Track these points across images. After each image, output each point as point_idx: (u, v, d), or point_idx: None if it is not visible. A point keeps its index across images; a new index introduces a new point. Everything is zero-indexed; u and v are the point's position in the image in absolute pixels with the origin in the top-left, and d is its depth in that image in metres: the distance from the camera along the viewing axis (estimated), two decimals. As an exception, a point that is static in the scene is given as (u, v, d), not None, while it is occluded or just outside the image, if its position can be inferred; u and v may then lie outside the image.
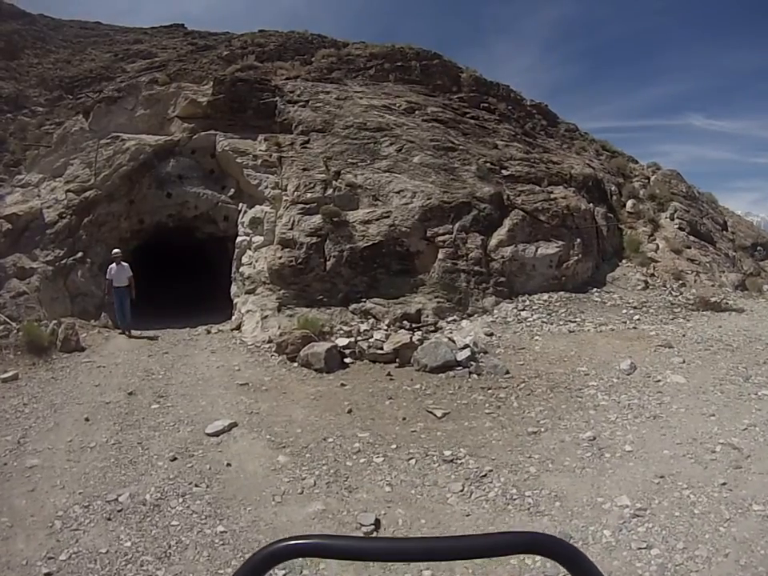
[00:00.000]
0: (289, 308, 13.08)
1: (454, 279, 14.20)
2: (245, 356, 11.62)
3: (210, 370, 10.77)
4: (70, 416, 8.50)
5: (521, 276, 15.40)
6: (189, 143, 16.26)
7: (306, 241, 13.56)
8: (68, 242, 14.76)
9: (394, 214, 14.38)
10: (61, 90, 26.54)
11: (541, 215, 16.74)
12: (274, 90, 17.65)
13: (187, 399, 9.13)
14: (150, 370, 10.78)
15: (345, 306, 13.29)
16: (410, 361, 10.59)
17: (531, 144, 20.40)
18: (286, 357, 11.10)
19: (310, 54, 22.14)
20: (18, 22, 32.49)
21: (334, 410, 8.64)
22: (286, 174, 14.87)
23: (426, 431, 7.87)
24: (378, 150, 16.03)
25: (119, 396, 9.34)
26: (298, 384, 9.95)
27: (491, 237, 15.50)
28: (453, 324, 13.51)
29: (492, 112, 20.69)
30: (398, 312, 13.39)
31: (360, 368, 10.70)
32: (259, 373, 10.56)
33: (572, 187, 18.86)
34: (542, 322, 13.56)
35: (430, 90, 20.13)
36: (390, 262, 13.94)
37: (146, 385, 9.93)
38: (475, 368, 10.17)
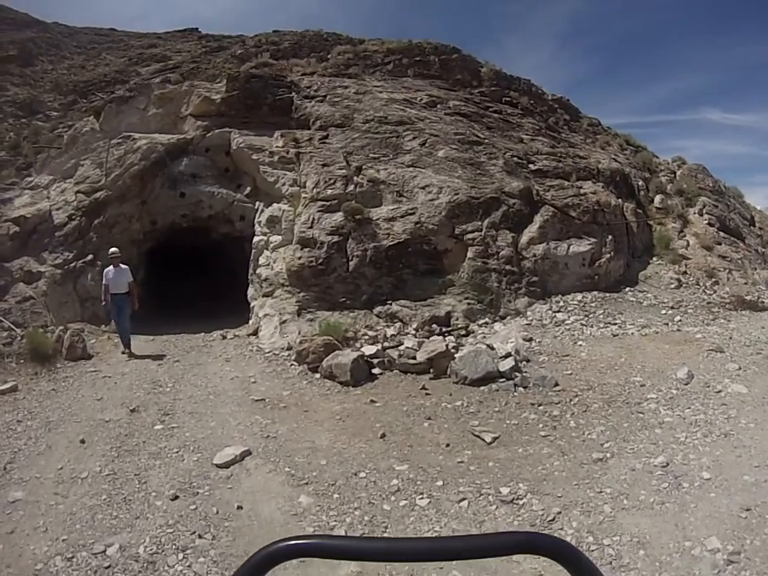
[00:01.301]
0: (309, 312, 11.76)
1: (484, 279, 12.84)
2: (261, 365, 10.31)
3: (222, 381, 9.46)
4: (65, 436, 7.26)
5: (553, 275, 14.02)
6: (202, 141, 14.99)
7: (327, 240, 12.23)
8: (78, 244, 13.55)
9: (419, 211, 13.04)
10: (75, 95, 25.47)
11: (571, 211, 15.37)
12: (289, 85, 16.37)
13: (195, 418, 7.81)
14: (157, 382, 9.51)
15: (369, 308, 11.96)
16: (447, 372, 9.22)
17: (556, 138, 18.99)
18: (306, 367, 9.77)
19: (326, 51, 20.86)
20: (32, 30, 31.55)
21: (364, 434, 7.26)
22: (305, 171, 13.56)
23: (476, 461, 6.47)
24: (401, 144, 14.69)
25: (121, 413, 8.06)
26: (320, 400, 8.59)
27: (522, 234, 14.14)
28: (485, 327, 12.16)
29: (515, 106, 19.32)
30: (426, 315, 12.05)
31: (390, 380, 9.31)
32: (277, 386, 9.21)
33: (600, 182, 17.44)
34: (581, 325, 12.23)
35: (450, 85, 18.77)
36: (416, 261, 12.60)
37: (152, 399, 8.64)
38: (521, 380, 8.79)
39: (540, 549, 0.96)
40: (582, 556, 0.97)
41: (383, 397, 8.54)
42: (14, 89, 25.93)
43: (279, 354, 10.67)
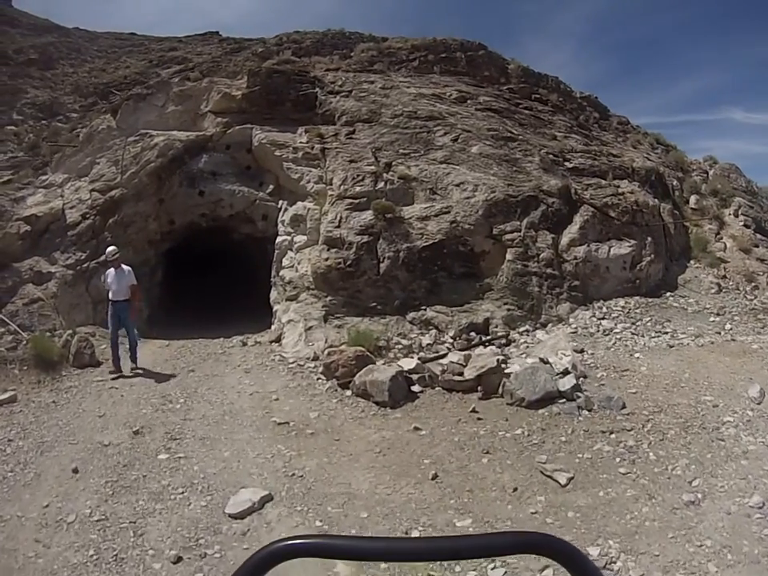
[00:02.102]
0: (337, 317, 10.50)
1: (525, 283, 11.53)
2: (285, 378, 9.00)
3: (240, 398, 8.17)
4: (58, 462, 6.10)
5: (594, 279, 12.69)
6: (223, 138, 13.79)
7: (356, 240, 10.95)
8: (91, 244, 12.36)
9: (454, 210, 11.75)
10: (95, 96, 24.43)
11: (611, 211, 14.04)
12: (313, 81, 15.13)
13: (206, 446, 6.50)
14: (167, 396, 8.26)
15: (401, 314, 10.69)
16: (498, 390, 7.92)
17: (588, 136, 17.62)
18: (336, 382, 8.46)
19: (349, 48, 19.65)
20: (53, 35, 30.65)
21: (411, 474, 5.90)
22: (331, 167, 12.30)
23: (552, 511, 5.17)
24: (432, 140, 13.41)
25: (122, 435, 6.83)
26: (354, 425, 7.24)
27: (561, 235, 12.81)
28: (527, 336, 10.87)
29: (544, 103, 17.95)
30: (464, 322, 10.77)
31: (433, 400, 7.96)
32: (303, 405, 7.89)
33: (636, 182, 16.09)
34: (631, 334, 10.94)
35: (477, 82, 17.43)
36: (452, 263, 11.31)
37: (159, 419, 7.39)
38: (584, 401, 7.49)
39: (540, 549, 0.91)
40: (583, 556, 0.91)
41: (428, 422, 7.19)
42: (34, 91, 24.99)
43: (304, 366, 9.40)
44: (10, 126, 22.29)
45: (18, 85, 24.86)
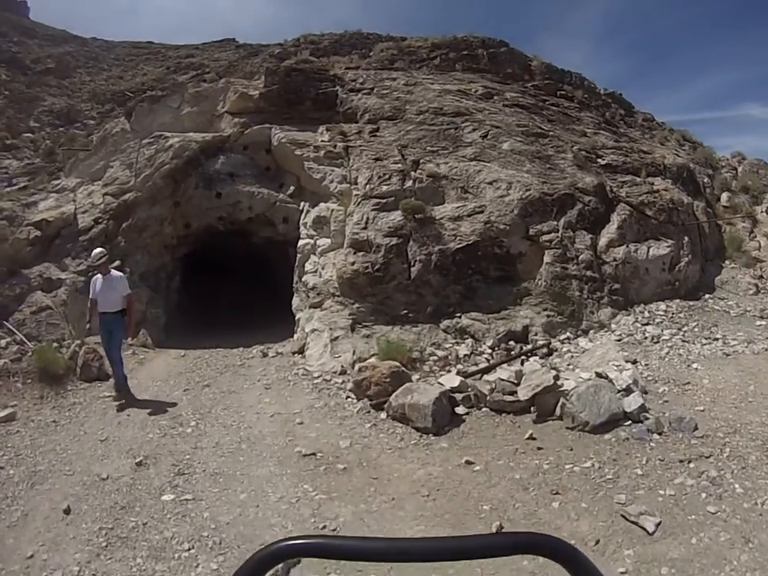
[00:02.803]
0: (365, 326, 9.39)
1: (564, 287, 10.35)
2: (310, 397, 7.82)
3: (260, 420, 7.02)
4: (49, 499, 5.05)
5: (634, 282, 11.49)
6: (240, 138, 12.76)
7: (384, 242, 9.84)
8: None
9: (488, 209, 10.62)
10: (113, 103, 23.65)
11: (647, 210, 12.83)
12: (332, 79, 14.08)
13: (219, 485, 5.34)
14: (178, 417, 7.15)
15: (434, 322, 9.56)
16: (554, 411, 6.75)
17: (616, 133, 16.43)
18: (368, 402, 7.29)
19: (368, 48, 18.61)
20: (70, 45, 29.93)
21: (469, 525, 4.66)
22: (355, 165, 11.21)
23: (644, 568, 4.02)
24: (461, 137, 12.29)
25: (124, 466, 5.74)
26: (394, 458, 6.00)
27: (599, 235, 11.62)
28: (569, 344, 9.71)
29: (570, 100, 16.79)
30: (501, 329, 9.63)
31: (481, 424, 6.75)
32: (331, 431, 6.69)
33: (668, 179, 14.87)
34: (681, 341, 9.70)
35: (501, 79, 16.30)
36: (487, 266, 10.17)
37: (167, 446, 6.28)
38: (654, 423, 6.30)
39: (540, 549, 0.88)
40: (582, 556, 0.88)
41: (480, 454, 5.99)
42: (51, 99, 24.26)
43: (331, 381, 8.26)
44: (27, 134, 21.57)
45: (35, 93, 24.13)
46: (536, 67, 17.91)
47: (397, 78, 14.38)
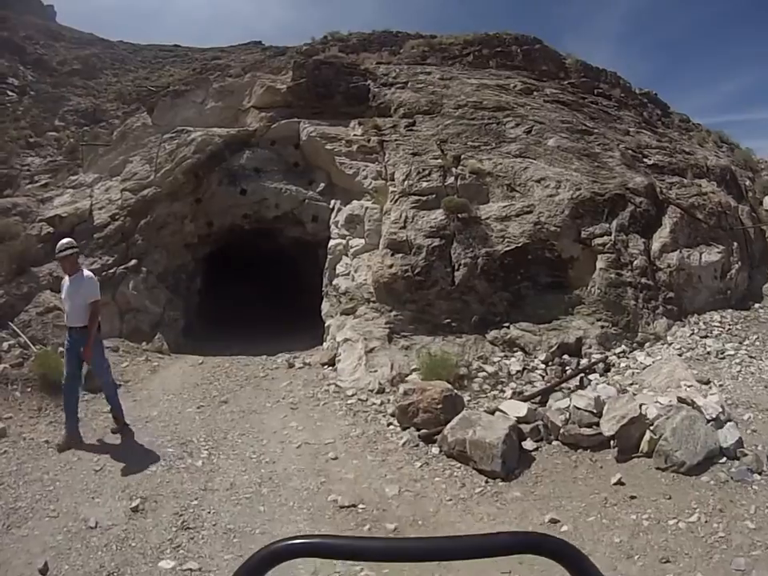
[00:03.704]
0: (403, 336, 8.07)
1: (619, 295, 8.98)
2: (344, 422, 6.45)
3: (285, 452, 5.65)
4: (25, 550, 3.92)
5: (688, 290, 10.08)
6: (267, 133, 11.50)
7: (426, 243, 8.52)
8: (120, 247, 10.13)
9: (537, 209, 9.27)
10: (138, 103, 22.48)
11: (697, 213, 11.41)
12: (363, 73, 12.82)
13: (233, 548, 4.01)
14: (188, 443, 5.83)
15: (480, 333, 8.24)
16: (639, 447, 5.39)
17: (656, 133, 15.00)
18: (415, 432, 5.93)
19: (398, 46, 17.24)
20: (97, 47, 28.90)
21: None
22: (391, 160, 9.89)
23: None
24: (503, 132, 10.94)
25: (117, 510, 4.49)
26: (457, 513, 4.58)
27: (651, 239, 10.23)
28: (626, 358, 8.38)
29: (608, 98, 15.38)
30: (553, 342, 8.29)
31: (556, 464, 5.37)
32: (373, 470, 5.28)
33: (713, 181, 13.44)
34: (749, 357, 8.32)
35: (536, 76, 14.93)
36: (537, 272, 8.83)
37: (171, 484, 4.97)
38: (753, 461, 4.94)
39: (540, 549, 0.84)
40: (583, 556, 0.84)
41: (565, 507, 4.62)
42: (77, 98, 23.21)
43: (367, 402, 6.91)
44: (51, 132, 20.52)
45: (61, 93, 23.08)
46: (571, 65, 16.51)
47: (431, 72, 13.08)
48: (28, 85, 23.75)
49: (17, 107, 21.62)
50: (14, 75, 24.19)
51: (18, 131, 19.56)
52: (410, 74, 12.89)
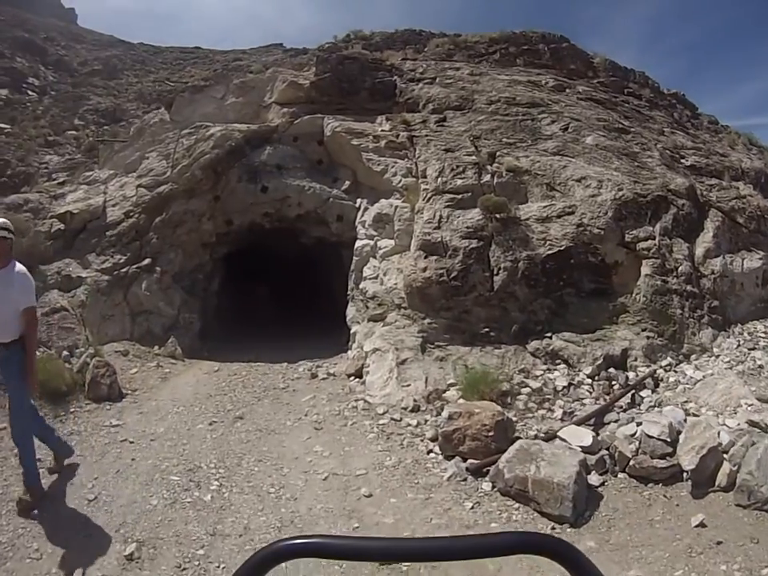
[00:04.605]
0: (438, 347, 7.12)
1: (665, 304, 7.96)
2: (376, 446, 5.42)
3: (309, 487, 4.61)
4: None
5: (731, 298, 9.06)
6: (289, 129, 10.60)
7: (462, 245, 7.55)
8: (133, 245, 9.25)
9: (579, 209, 8.29)
10: (159, 103, 21.75)
11: (738, 216, 10.39)
12: (389, 69, 11.92)
13: None
14: (196, 470, 4.86)
15: (520, 343, 7.27)
16: (715, 480, 4.41)
17: (689, 134, 13.97)
18: (461, 461, 4.94)
19: (422, 44, 16.32)
20: (117, 49, 28.19)
21: None
22: (422, 157, 8.94)
23: None
24: (539, 129, 9.97)
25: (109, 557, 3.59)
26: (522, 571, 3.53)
27: (695, 244, 9.23)
28: (674, 372, 7.37)
29: (638, 98, 14.36)
30: (598, 353, 7.29)
31: (627, 502, 4.37)
32: (415, 511, 4.23)
33: (749, 184, 12.39)
34: (803, 371, 7.34)
35: (565, 75, 13.94)
36: (580, 277, 7.84)
37: (174, 524, 4.02)
38: None
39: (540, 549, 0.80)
40: (582, 556, 0.80)
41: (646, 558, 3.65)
42: (97, 98, 22.46)
43: (401, 422, 5.91)
44: (70, 131, 19.79)
45: (81, 93, 22.34)
46: (599, 64, 15.48)
47: (460, 67, 12.16)
48: (48, 85, 23.09)
49: (36, 106, 20.95)
50: (35, 75, 23.54)
51: (36, 130, 18.86)
52: (437, 69, 11.97)
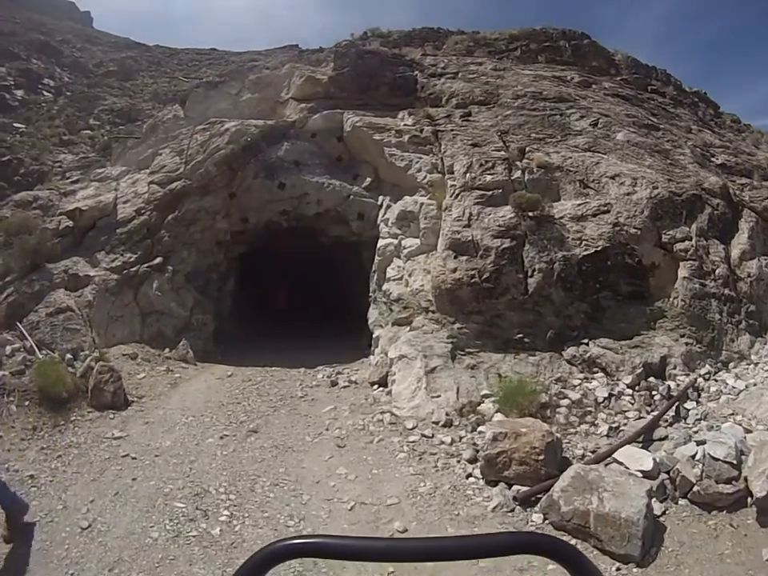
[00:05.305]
0: (469, 353, 6.44)
1: (704, 308, 7.24)
2: (407, 468, 4.68)
3: (333, 518, 3.94)
4: None
5: (766, 302, 8.36)
6: (307, 124, 9.96)
7: (494, 245, 6.87)
8: (144, 244, 8.63)
9: (615, 208, 7.59)
10: (174, 102, 21.23)
11: (771, 217, 9.67)
12: (410, 63, 11.27)
13: None
14: (202, 497, 4.18)
15: (555, 350, 6.59)
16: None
17: (714, 132, 13.22)
18: (506, 487, 4.26)
19: (440, 41, 15.62)
20: (133, 51, 27.68)
21: None
22: (449, 152, 8.27)
23: None
24: (568, 124, 9.29)
25: None
26: None
27: (730, 245, 8.50)
28: (714, 381, 6.68)
29: (662, 96, 13.62)
30: (636, 361, 6.61)
31: (693, 534, 3.69)
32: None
33: (777, 185, 11.62)
34: None
35: (587, 72, 13.23)
36: (617, 279, 7.15)
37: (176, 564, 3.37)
38: None
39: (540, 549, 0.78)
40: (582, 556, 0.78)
41: None
42: (112, 98, 21.98)
43: (433, 439, 5.21)
44: (85, 131, 19.30)
45: (96, 93, 21.85)
46: (621, 61, 14.76)
47: (483, 62, 11.50)
48: (64, 85, 22.61)
49: (52, 106, 20.48)
50: (50, 77, 23.08)
51: (51, 129, 18.39)
52: (459, 64, 11.32)
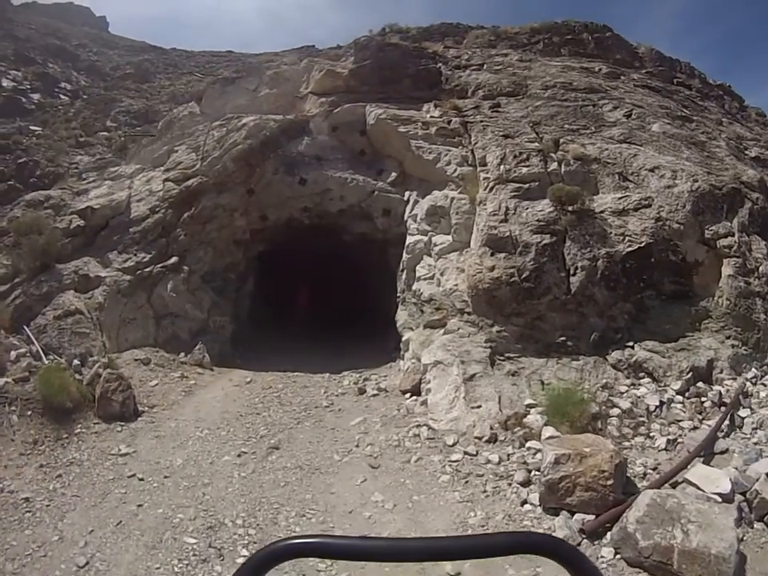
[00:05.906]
0: (509, 358, 5.83)
1: (749, 308, 6.59)
2: (452, 495, 4.02)
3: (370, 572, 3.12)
4: None
5: None
6: (328, 118, 9.37)
7: (534, 241, 6.25)
8: (159, 243, 8.08)
9: (656, 202, 6.94)
10: (191, 100, 20.85)
11: (809, 213, 8.95)
12: (432, 56, 10.66)
13: None
14: (218, 529, 3.56)
15: (599, 354, 5.98)
16: None
17: (743, 125, 12.50)
18: (568, 515, 3.62)
19: (460, 36, 14.99)
20: (149, 54, 27.33)
21: None
22: (480, 143, 7.64)
23: None
24: (601, 115, 8.65)
25: None
26: None
27: (771, 241, 7.83)
28: (762, 386, 6.12)
29: (689, 88, 12.93)
30: (684, 365, 6.02)
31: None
32: None
33: (810, 181, 10.88)
34: None
35: (611, 65, 12.55)
36: (661, 278, 6.52)
37: None
38: None
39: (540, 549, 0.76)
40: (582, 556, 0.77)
41: None
42: (129, 100, 21.57)
43: (478, 458, 4.57)
44: (102, 132, 18.90)
45: (113, 95, 21.46)
46: (644, 54, 14.07)
47: (508, 53, 10.89)
48: (80, 89, 22.32)
49: (68, 109, 20.16)
50: (67, 80, 22.81)
51: (68, 131, 18.03)
52: (484, 56, 10.72)
